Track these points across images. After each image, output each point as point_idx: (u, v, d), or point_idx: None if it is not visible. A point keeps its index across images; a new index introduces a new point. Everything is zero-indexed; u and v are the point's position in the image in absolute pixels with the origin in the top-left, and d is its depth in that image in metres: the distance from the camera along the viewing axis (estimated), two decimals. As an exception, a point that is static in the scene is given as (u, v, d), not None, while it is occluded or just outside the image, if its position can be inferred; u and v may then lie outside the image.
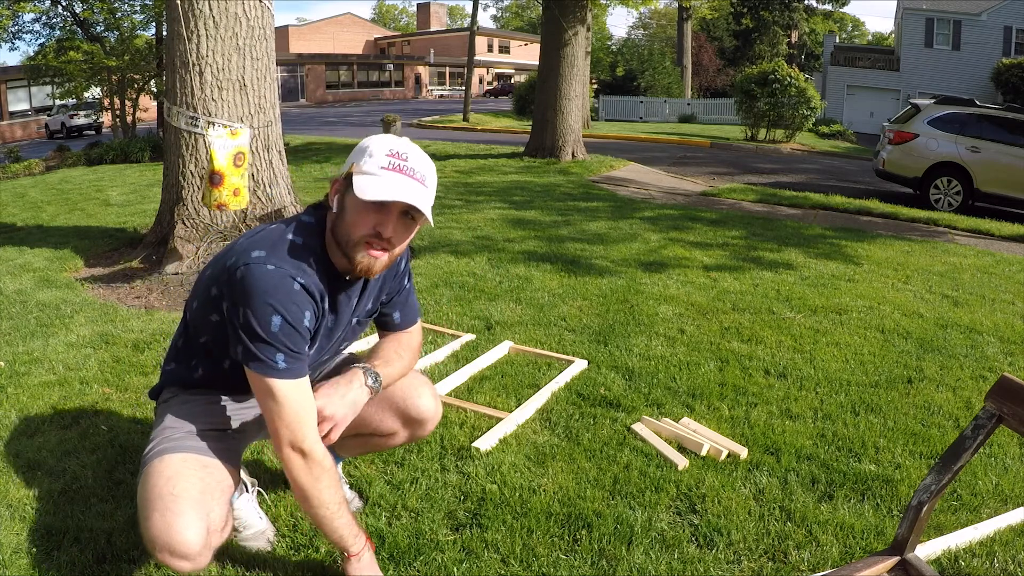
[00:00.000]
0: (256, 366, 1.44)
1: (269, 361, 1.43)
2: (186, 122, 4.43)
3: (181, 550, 1.38)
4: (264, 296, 1.41)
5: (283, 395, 1.44)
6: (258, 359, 1.43)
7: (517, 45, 56.23)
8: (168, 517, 1.39)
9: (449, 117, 24.26)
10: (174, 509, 1.40)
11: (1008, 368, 3.26)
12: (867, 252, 5.60)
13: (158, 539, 1.38)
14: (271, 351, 1.42)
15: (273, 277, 1.42)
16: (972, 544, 1.91)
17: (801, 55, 37.85)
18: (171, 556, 1.39)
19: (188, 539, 1.38)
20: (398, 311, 1.78)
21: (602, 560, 1.82)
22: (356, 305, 1.66)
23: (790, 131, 16.93)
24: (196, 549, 1.39)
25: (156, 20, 13.81)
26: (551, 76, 10.84)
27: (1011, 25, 25.05)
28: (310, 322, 1.48)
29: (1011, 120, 9.18)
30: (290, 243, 1.48)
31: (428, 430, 1.86)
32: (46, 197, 7.98)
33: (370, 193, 1.41)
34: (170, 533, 1.38)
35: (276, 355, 1.43)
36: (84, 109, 23.64)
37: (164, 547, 1.38)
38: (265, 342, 1.42)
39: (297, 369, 1.46)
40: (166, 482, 1.44)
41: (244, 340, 1.44)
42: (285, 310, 1.42)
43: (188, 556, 1.39)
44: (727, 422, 2.60)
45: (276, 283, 1.42)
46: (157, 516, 1.39)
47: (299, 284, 1.45)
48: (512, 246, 5.30)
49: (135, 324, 3.52)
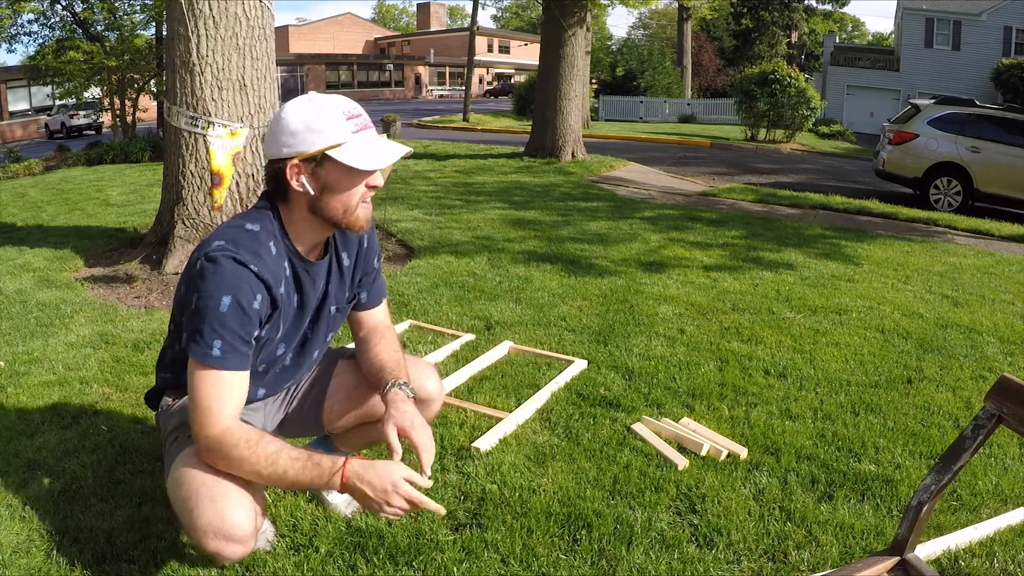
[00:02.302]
0: (193, 349, 1.42)
1: (205, 347, 1.42)
2: (186, 122, 4.42)
3: (237, 534, 1.39)
4: (218, 280, 1.42)
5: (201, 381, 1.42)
6: (196, 342, 1.42)
7: (517, 45, 56.24)
8: (219, 503, 1.39)
9: (449, 117, 24.27)
10: (222, 493, 1.40)
11: (1008, 368, 3.26)
12: (867, 252, 5.60)
13: (211, 525, 1.38)
14: (211, 336, 1.41)
15: (228, 264, 1.43)
16: (972, 544, 1.91)
17: (801, 55, 37.88)
18: (226, 542, 1.39)
19: (241, 522, 1.39)
20: (366, 291, 1.80)
21: (602, 560, 1.82)
22: (327, 288, 1.66)
23: (790, 131, 16.94)
24: (249, 531, 1.41)
25: (156, 20, 13.79)
26: (551, 76, 10.84)
27: (1011, 25, 25.06)
28: (260, 306, 1.47)
29: (1011, 120, 9.19)
30: (247, 232, 1.49)
31: (434, 411, 1.87)
32: (46, 197, 7.98)
33: (375, 162, 1.47)
34: (223, 518, 1.38)
35: (214, 341, 1.42)
36: (84, 109, 23.65)
37: (219, 533, 1.38)
38: (210, 326, 1.41)
39: (232, 360, 1.44)
40: (206, 470, 1.44)
41: (191, 324, 1.43)
42: (237, 291, 1.43)
43: (243, 540, 1.40)
44: (727, 422, 2.60)
45: (231, 269, 1.43)
46: (207, 504, 1.39)
47: (252, 271, 1.45)
48: (512, 246, 5.30)
49: (135, 324, 3.52)
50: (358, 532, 1.88)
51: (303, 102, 1.49)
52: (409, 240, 5.45)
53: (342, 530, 1.89)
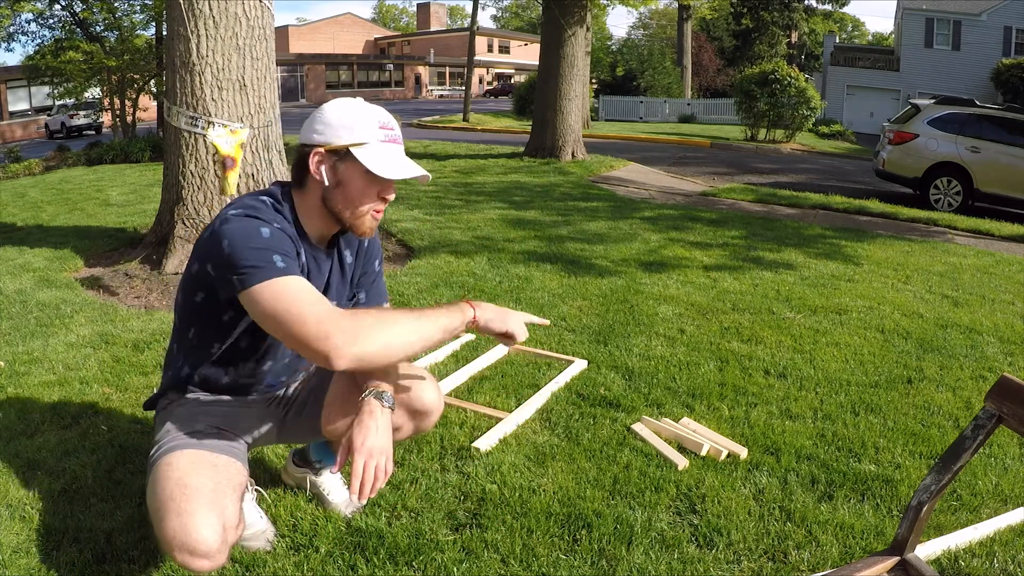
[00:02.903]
0: (252, 277, 1.38)
1: (268, 265, 1.38)
2: (186, 122, 4.42)
3: (201, 548, 1.38)
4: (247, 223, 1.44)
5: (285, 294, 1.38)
6: (253, 268, 1.38)
7: (517, 45, 56.24)
8: (184, 517, 1.39)
9: (449, 117, 24.26)
10: (188, 509, 1.40)
11: (1008, 368, 3.26)
12: (867, 252, 5.60)
13: (175, 539, 1.38)
14: (267, 255, 1.40)
15: (251, 221, 1.45)
16: (972, 544, 1.91)
17: (801, 55, 37.87)
18: (190, 556, 1.38)
19: (205, 537, 1.38)
20: (364, 292, 1.80)
21: (602, 560, 1.82)
22: (329, 281, 1.68)
23: (790, 131, 16.94)
24: (215, 547, 1.40)
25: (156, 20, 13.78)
26: (551, 76, 10.84)
27: (1011, 25, 25.06)
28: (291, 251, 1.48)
29: (1011, 120, 9.19)
30: (261, 205, 1.52)
31: (432, 422, 1.86)
32: (46, 197, 7.98)
33: (391, 171, 1.49)
34: (187, 532, 1.38)
35: (272, 256, 1.40)
36: (84, 109, 23.61)
37: (182, 547, 1.38)
38: (259, 249, 1.40)
39: (294, 268, 1.43)
40: (177, 483, 1.44)
41: (235, 262, 1.40)
42: (271, 223, 1.46)
43: (207, 554, 1.39)
44: (727, 422, 2.61)
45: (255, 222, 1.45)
46: (173, 517, 1.39)
47: (276, 227, 1.47)
48: (512, 246, 5.30)
49: (135, 324, 3.52)
50: (358, 532, 1.88)
51: (347, 100, 1.55)
52: (409, 240, 5.45)
53: (342, 530, 1.89)
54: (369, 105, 1.55)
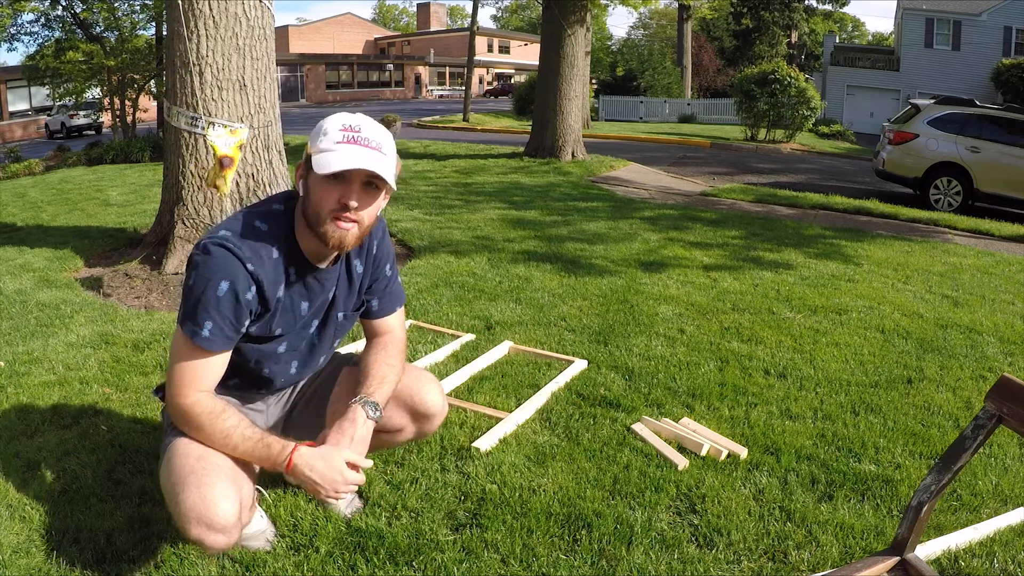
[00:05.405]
0: (185, 326, 1.50)
1: (196, 326, 1.48)
2: (186, 122, 4.42)
3: (219, 522, 1.39)
4: (215, 266, 1.47)
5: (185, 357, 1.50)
6: (189, 319, 1.49)
7: (517, 45, 56.24)
8: (204, 490, 1.40)
9: (449, 117, 24.26)
10: (208, 482, 1.42)
11: (1008, 368, 3.26)
12: (867, 252, 5.60)
13: (192, 512, 1.39)
14: (204, 317, 1.48)
15: (226, 255, 1.48)
16: (972, 544, 1.91)
17: (801, 55, 37.87)
18: (207, 530, 1.39)
19: (225, 510, 1.40)
20: (376, 299, 1.80)
21: (602, 560, 1.82)
22: (335, 295, 1.68)
23: (790, 131, 16.94)
24: (232, 521, 1.41)
25: (156, 20, 13.79)
26: (551, 76, 10.84)
27: (1011, 25, 25.06)
28: (253, 299, 1.52)
29: (1011, 120, 9.19)
30: (255, 229, 1.53)
31: (435, 425, 1.87)
32: (46, 197, 7.98)
33: (328, 167, 1.45)
34: (207, 504, 1.39)
35: (206, 322, 1.48)
36: (84, 109, 23.58)
37: (200, 519, 1.39)
38: (204, 306, 1.47)
39: (218, 343, 1.50)
40: (197, 459, 1.47)
41: (187, 301, 1.50)
42: (235, 278, 1.48)
43: (224, 529, 1.40)
44: (727, 422, 2.60)
45: (228, 260, 1.48)
46: (192, 490, 1.41)
47: (248, 269, 1.49)
48: (512, 246, 5.30)
49: (135, 324, 3.52)
50: (358, 532, 1.88)
51: (338, 114, 1.55)
52: (409, 240, 5.45)
53: (342, 530, 1.89)
54: (345, 114, 1.53)
